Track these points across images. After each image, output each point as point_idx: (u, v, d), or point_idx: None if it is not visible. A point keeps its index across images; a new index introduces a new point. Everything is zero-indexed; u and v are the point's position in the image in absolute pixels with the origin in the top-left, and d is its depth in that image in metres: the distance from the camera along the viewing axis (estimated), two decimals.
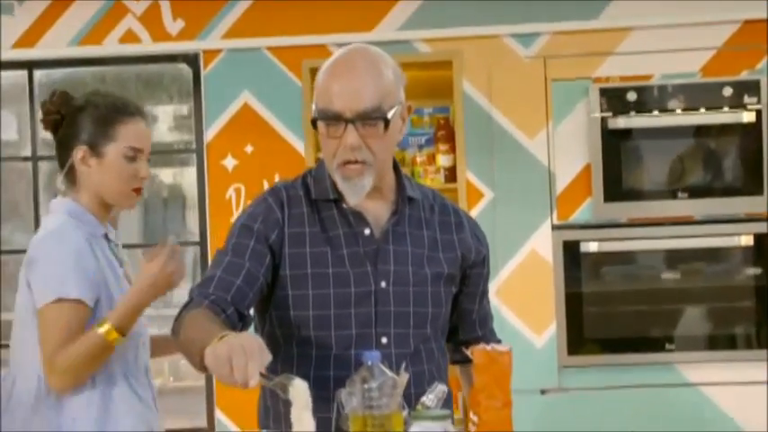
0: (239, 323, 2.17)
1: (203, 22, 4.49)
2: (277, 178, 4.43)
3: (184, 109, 5.57)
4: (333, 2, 4.43)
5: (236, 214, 4.42)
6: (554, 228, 4.30)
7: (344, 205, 2.25)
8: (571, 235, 4.27)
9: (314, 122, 2.19)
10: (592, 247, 4.27)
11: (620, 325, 4.32)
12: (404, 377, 1.86)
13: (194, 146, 4.54)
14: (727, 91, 4.20)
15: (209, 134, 4.49)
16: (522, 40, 4.37)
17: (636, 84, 4.26)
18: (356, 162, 2.16)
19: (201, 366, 1.98)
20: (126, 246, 5.32)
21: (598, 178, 4.25)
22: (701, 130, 4.28)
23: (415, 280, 2.25)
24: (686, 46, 4.30)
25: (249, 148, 4.47)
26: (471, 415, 1.97)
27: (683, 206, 4.26)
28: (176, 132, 5.71)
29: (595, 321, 4.30)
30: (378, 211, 2.27)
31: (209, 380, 4.47)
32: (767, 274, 4.24)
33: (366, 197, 2.23)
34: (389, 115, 2.16)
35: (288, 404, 2.11)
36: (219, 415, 4.45)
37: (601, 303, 4.33)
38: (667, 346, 4.28)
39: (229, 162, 4.47)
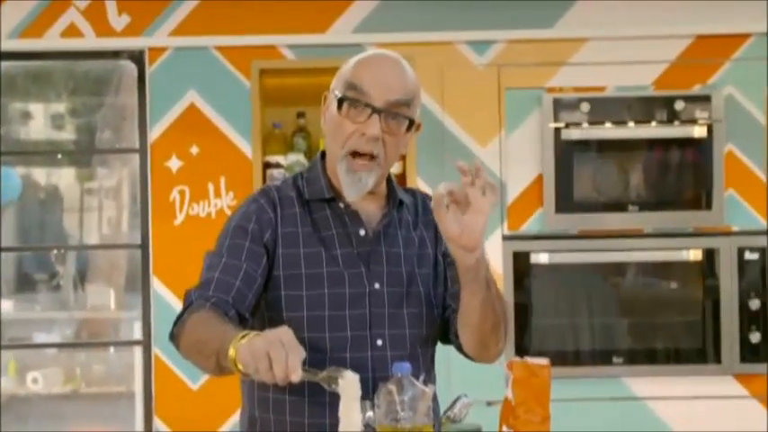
0: (240, 326, 2.17)
1: (150, 18, 4.60)
2: (223, 181, 4.57)
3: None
4: (285, 2, 4.56)
5: (179, 217, 4.59)
6: (504, 238, 4.50)
7: (341, 204, 2.34)
8: (521, 246, 4.49)
9: (340, 102, 2.27)
10: (542, 258, 4.49)
11: (567, 337, 4.56)
12: (430, 389, 1.94)
13: (137, 145, 4.64)
14: (679, 105, 4.46)
15: (153, 134, 4.59)
16: (476, 48, 4.57)
17: (589, 95, 4.50)
18: (366, 155, 2.26)
19: (217, 367, 2.06)
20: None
21: (549, 189, 4.47)
22: (652, 144, 4.52)
23: (408, 281, 2.35)
24: (640, 59, 4.54)
25: (195, 150, 4.58)
26: (505, 429, 2.05)
27: (634, 219, 4.50)
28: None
29: (543, 333, 4.53)
30: (370, 213, 2.37)
31: (146, 386, 4.61)
32: (715, 289, 4.50)
33: (361, 198, 2.32)
34: (415, 118, 2.29)
35: (282, 413, 2.26)
36: (158, 423, 4.56)
37: (549, 315, 4.55)
38: (614, 359, 4.52)
39: (174, 163, 4.58)
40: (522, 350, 4.43)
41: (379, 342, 2.30)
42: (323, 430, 2.24)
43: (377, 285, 2.32)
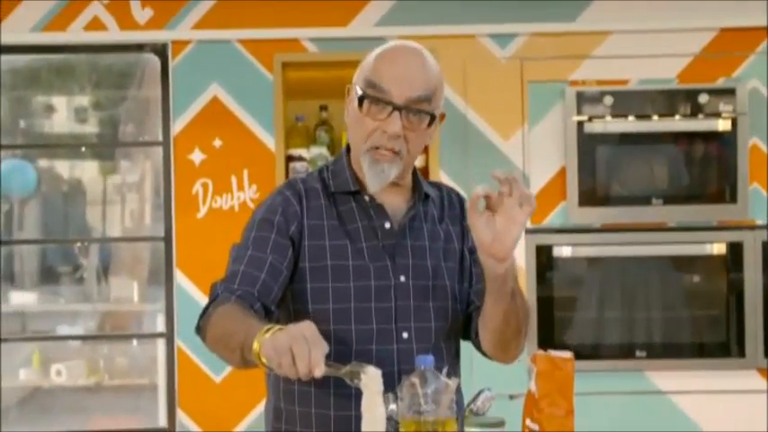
0: (265, 318, 2.21)
1: (172, 11, 4.63)
2: (246, 174, 4.60)
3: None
4: None
5: (202, 210, 4.62)
6: (527, 231, 4.49)
7: (366, 197, 2.34)
8: (544, 239, 4.51)
9: (360, 100, 2.26)
10: (565, 251, 4.51)
11: (590, 331, 4.57)
12: (454, 382, 1.95)
13: (161, 138, 4.67)
14: (703, 98, 4.46)
15: (177, 127, 4.62)
16: (499, 41, 4.58)
17: (612, 88, 4.50)
18: (389, 150, 2.25)
19: (242, 360, 2.06)
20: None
21: (573, 182, 4.49)
22: (676, 137, 4.52)
23: (434, 274, 2.35)
24: (663, 52, 4.54)
25: (218, 143, 4.61)
26: (529, 422, 2.05)
27: (657, 212, 4.51)
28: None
29: (566, 326, 4.54)
30: (396, 206, 2.37)
31: (170, 379, 4.64)
32: (739, 283, 4.50)
33: (385, 191, 2.32)
34: (436, 113, 2.27)
35: (308, 405, 2.27)
36: (181, 415, 4.59)
37: (572, 308, 4.56)
38: (637, 352, 4.53)
39: (197, 156, 4.61)
40: (545, 343, 4.42)
41: (405, 335, 2.31)
42: (349, 422, 2.26)
43: (402, 278, 2.32)
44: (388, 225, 2.35)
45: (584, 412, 4.60)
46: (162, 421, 4.72)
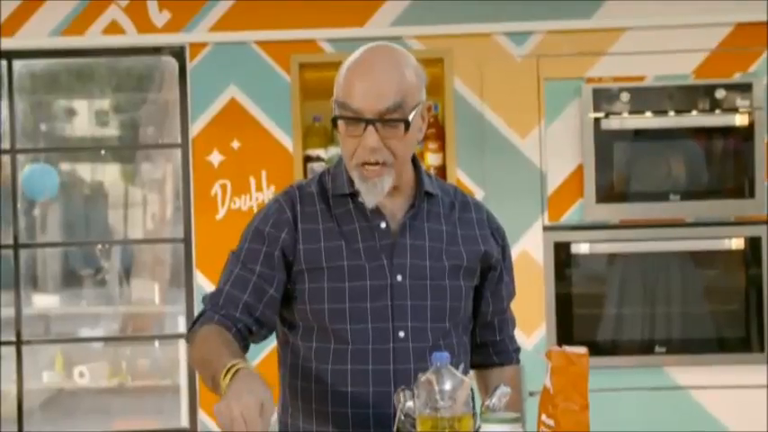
0: (249, 335, 2.34)
1: (190, 14, 4.64)
2: (264, 175, 4.61)
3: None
4: None
5: (221, 211, 4.64)
6: (545, 228, 4.51)
7: (360, 199, 2.36)
8: (562, 236, 4.50)
9: (334, 121, 2.30)
10: (583, 248, 4.50)
11: (609, 327, 4.56)
12: (469, 378, 1.97)
13: (179, 140, 4.69)
14: (720, 93, 4.45)
15: (195, 129, 4.63)
16: (515, 39, 4.57)
17: (629, 85, 4.49)
18: (375, 163, 2.28)
19: (213, 387, 2.12)
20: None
21: (590, 179, 4.48)
22: (693, 133, 4.51)
23: (432, 274, 2.36)
24: (679, 47, 4.53)
25: (236, 144, 4.62)
26: (544, 418, 2.05)
27: (675, 208, 4.50)
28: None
29: (585, 323, 4.53)
30: (394, 206, 2.39)
31: (191, 380, 4.67)
32: (758, 278, 4.49)
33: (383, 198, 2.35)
34: (410, 117, 2.25)
35: (309, 401, 2.33)
36: (203, 416, 4.61)
37: (591, 305, 4.56)
38: (657, 348, 4.52)
39: (215, 158, 4.63)
40: (564, 340, 4.43)
41: (401, 334, 2.35)
42: (344, 419, 2.33)
43: (399, 278, 2.36)
44: (383, 225, 2.38)
45: (605, 408, 4.59)
46: (184, 422, 4.74)
